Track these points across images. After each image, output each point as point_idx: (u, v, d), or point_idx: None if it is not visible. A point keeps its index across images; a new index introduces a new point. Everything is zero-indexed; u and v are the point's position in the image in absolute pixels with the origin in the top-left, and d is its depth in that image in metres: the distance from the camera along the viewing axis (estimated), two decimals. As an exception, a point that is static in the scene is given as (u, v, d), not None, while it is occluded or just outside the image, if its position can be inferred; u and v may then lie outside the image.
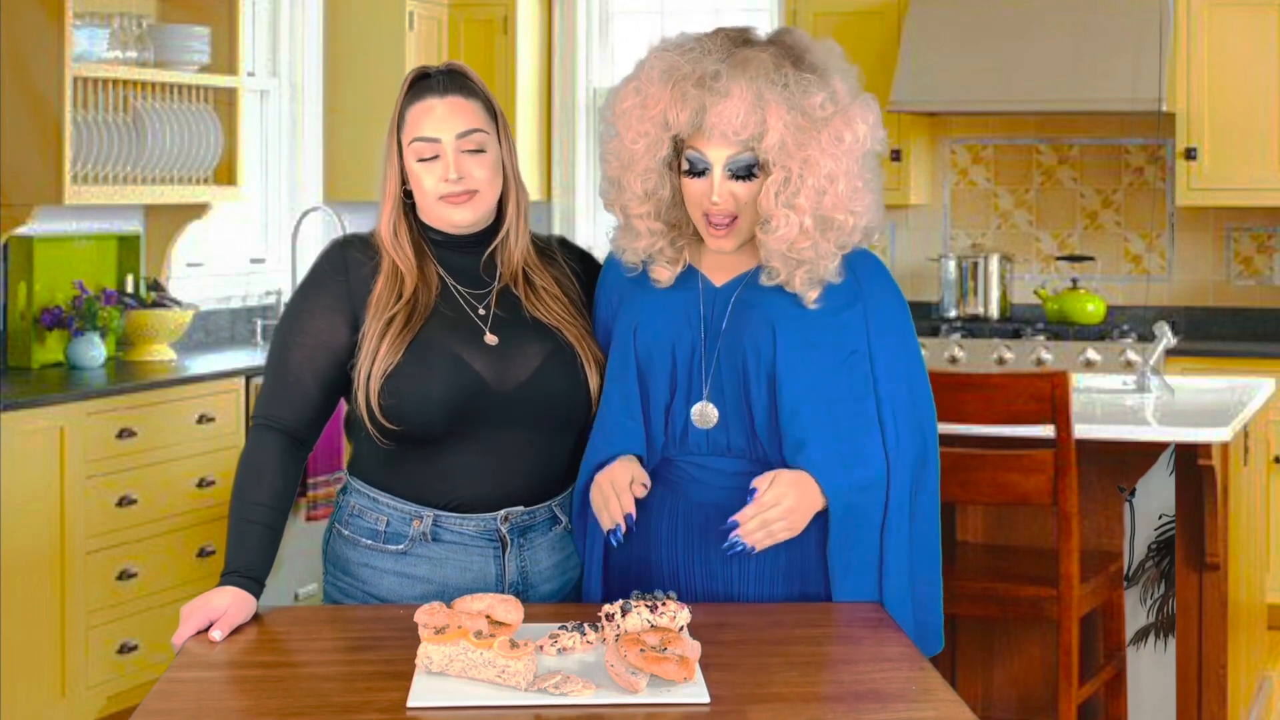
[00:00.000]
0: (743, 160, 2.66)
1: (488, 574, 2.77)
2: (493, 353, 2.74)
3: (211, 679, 2.39)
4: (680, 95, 2.66)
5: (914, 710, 2.25)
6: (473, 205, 2.77)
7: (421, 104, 2.77)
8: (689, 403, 2.74)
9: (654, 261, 2.80)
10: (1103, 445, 4.19)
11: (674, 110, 2.66)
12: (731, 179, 2.67)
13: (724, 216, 2.69)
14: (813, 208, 2.66)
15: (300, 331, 2.76)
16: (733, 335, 2.73)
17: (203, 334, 6.27)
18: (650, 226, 2.76)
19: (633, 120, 2.71)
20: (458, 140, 2.75)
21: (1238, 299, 6.87)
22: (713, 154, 2.66)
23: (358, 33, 6.88)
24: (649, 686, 2.29)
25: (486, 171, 2.77)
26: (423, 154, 2.76)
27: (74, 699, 4.91)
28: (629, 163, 2.73)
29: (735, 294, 2.76)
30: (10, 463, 4.67)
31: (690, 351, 2.75)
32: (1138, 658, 4.42)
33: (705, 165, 2.67)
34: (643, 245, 2.77)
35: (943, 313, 6.93)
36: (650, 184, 2.73)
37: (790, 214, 2.65)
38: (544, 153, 7.58)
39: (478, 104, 2.78)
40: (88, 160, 5.35)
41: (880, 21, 6.89)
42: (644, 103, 2.70)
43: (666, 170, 2.73)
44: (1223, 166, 6.54)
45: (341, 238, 2.88)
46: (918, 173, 7.02)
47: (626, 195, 2.76)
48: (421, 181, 2.77)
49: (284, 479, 2.73)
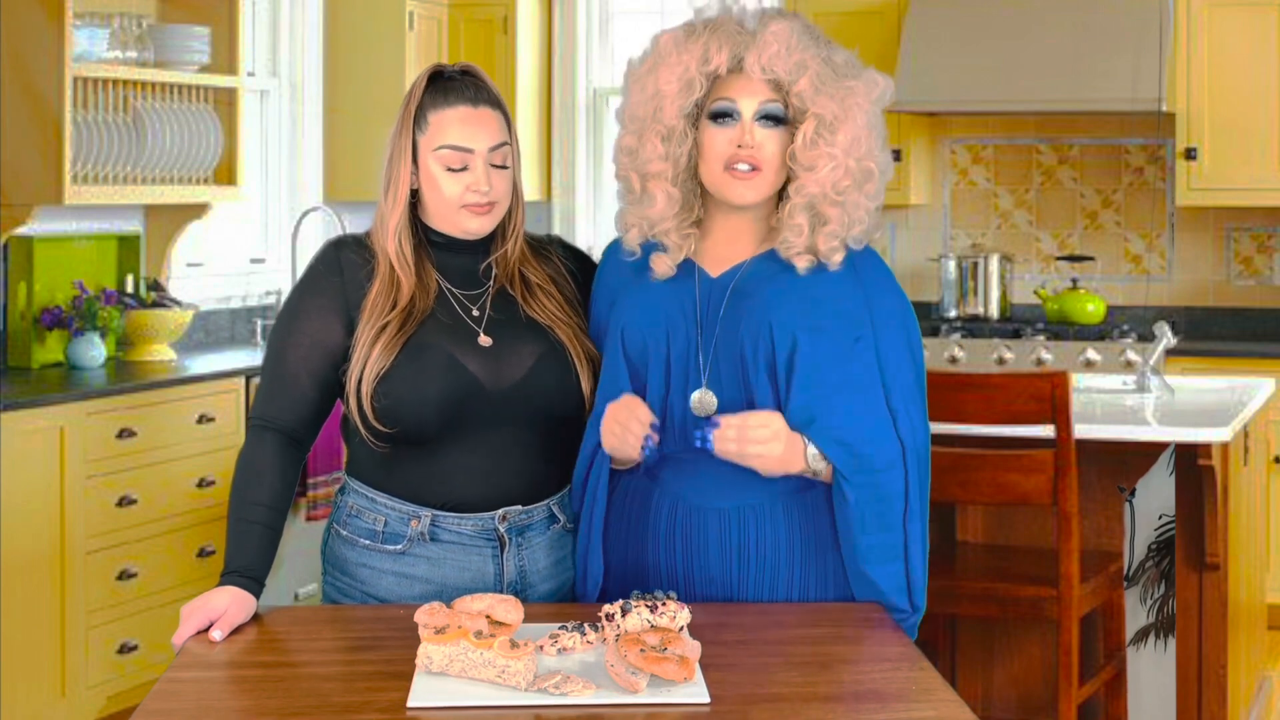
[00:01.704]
0: (772, 108, 2.69)
1: (486, 573, 2.77)
2: (487, 354, 2.74)
3: (211, 679, 2.39)
4: (723, 36, 2.70)
5: (914, 710, 2.25)
6: (491, 216, 2.77)
7: (451, 110, 2.75)
8: (685, 395, 2.72)
9: (657, 244, 2.77)
10: (1103, 445, 4.19)
11: (714, 46, 2.70)
12: (760, 126, 2.69)
13: (751, 163, 2.69)
14: (847, 153, 2.69)
15: (296, 332, 2.76)
16: (730, 325, 2.71)
17: (203, 334, 6.27)
18: (668, 190, 2.73)
19: (671, 59, 2.72)
20: (489, 153, 2.75)
21: (1238, 299, 6.87)
22: (743, 101, 2.69)
23: (358, 33, 6.88)
24: (649, 686, 2.29)
25: (506, 186, 2.78)
26: (451, 163, 2.74)
27: (74, 699, 4.91)
28: (654, 111, 2.72)
29: (732, 283, 2.74)
30: (10, 463, 4.67)
31: (685, 344, 2.73)
32: (1138, 658, 4.43)
33: (734, 109, 2.69)
34: (657, 212, 2.74)
35: (943, 313, 6.93)
36: (671, 141, 2.72)
37: (830, 156, 2.68)
38: (544, 153, 7.58)
39: (502, 116, 2.79)
40: (88, 160, 5.35)
41: (880, 21, 6.90)
42: (684, 44, 2.72)
43: (689, 129, 2.73)
44: (1223, 166, 6.54)
45: (336, 238, 2.87)
46: (918, 173, 7.02)
47: (644, 155, 2.74)
48: (442, 188, 2.75)
49: (282, 479, 2.73)
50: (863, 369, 2.69)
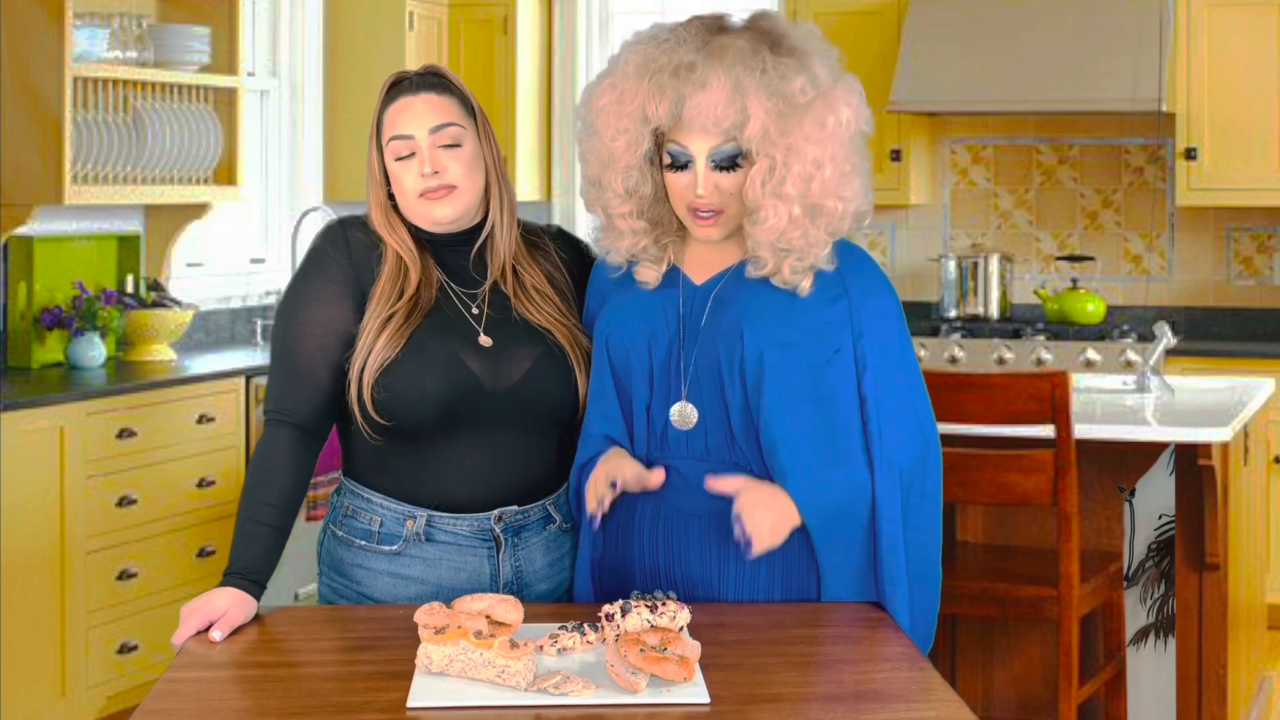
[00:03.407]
0: (726, 151, 2.62)
1: (482, 574, 2.76)
2: (487, 353, 2.74)
3: (211, 679, 2.39)
4: (658, 88, 2.61)
5: (914, 710, 2.25)
6: (451, 201, 2.75)
7: (396, 104, 2.77)
8: (668, 404, 2.71)
9: (639, 261, 2.76)
10: (1103, 445, 4.19)
11: (652, 104, 2.62)
12: (715, 170, 2.63)
13: (710, 209, 2.65)
14: (800, 195, 2.61)
15: (308, 320, 2.74)
16: (709, 334, 2.68)
17: (203, 334, 6.27)
18: (633, 226, 2.71)
19: (610, 117, 2.66)
20: (432, 135, 2.74)
21: (1238, 299, 6.87)
22: (695, 146, 2.62)
23: (358, 33, 6.88)
24: (649, 686, 2.29)
25: (463, 166, 2.75)
26: (399, 152, 2.75)
27: (74, 699, 4.91)
28: (609, 161, 2.69)
29: (714, 291, 2.72)
30: (10, 463, 4.67)
31: (667, 351, 2.71)
32: (1138, 658, 4.43)
33: (688, 158, 2.63)
34: (626, 245, 2.73)
35: (943, 313, 6.92)
36: (631, 182, 2.69)
37: (778, 203, 2.60)
38: (544, 153, 7.58)
39: (452, 100, 2.77)
40: (88, 160, 5.35)
41: (880, 21, 6.90)
42: (621, 98, 2.65)
43: (648, 166, 2.69)
44: (1223, 166, 6.54)
45: (339, 219, 2.85)
46: (918, 173, 7.02)
47: (608, 195, 2.72)
48: (401, 181, 2.76)
49: (295, 477, 2.72)
50: (838, 383, 2.66)
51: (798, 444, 2.63)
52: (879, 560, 2.71)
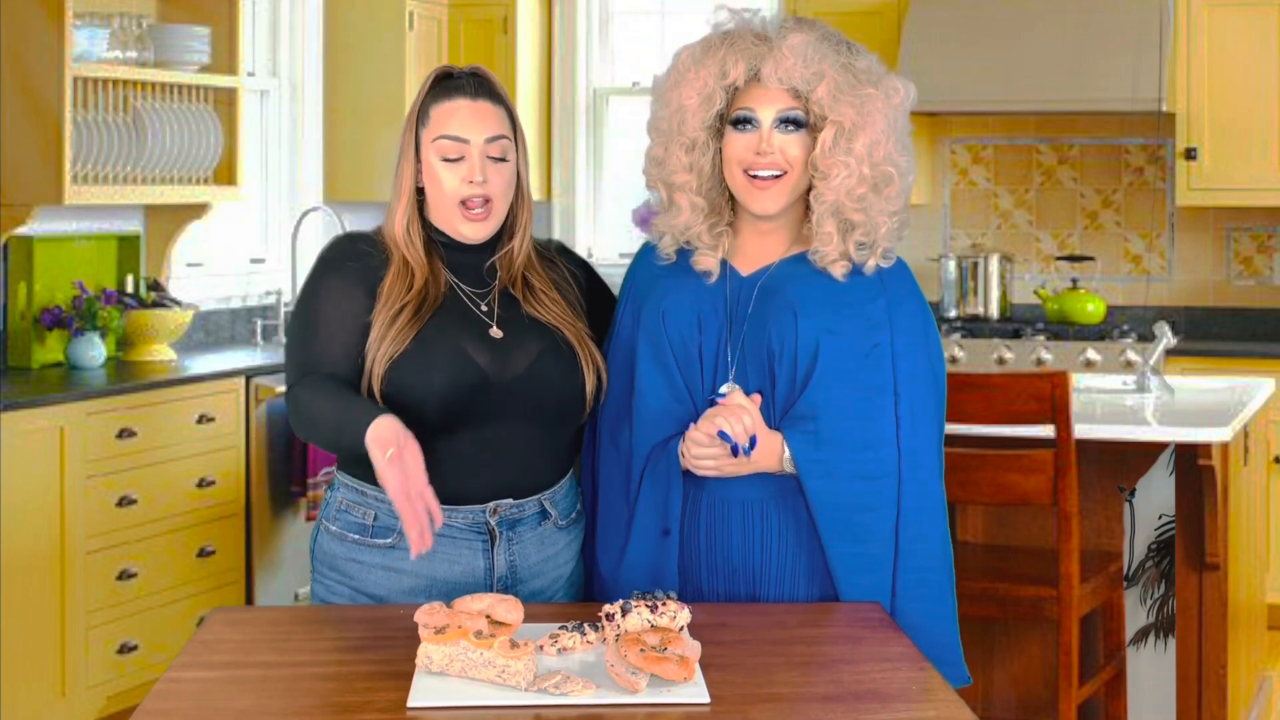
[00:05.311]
0: (791, 113, 2.73)
1: (476, 568, 2.76)
2: (495, 346, 2.75)
3: (211, 679, 2.39)
4: (739, 49, 2.75)
5: (914, 710, 2.25)
6: (485, 223, 2.78)
7: (451, 103, 2.77)
8: (714, 389, 2.76)
9: (692, 249, 2.82)
10: (1103, 445, 4.19)
11: (731, 60, 2.74)
12: (780, 132, 2.73)
13: (770, 169, 2.73)
14: (868, 156, 2.73)
15: (323, 312, 2.75)
16: (757, 322, 2.76)
17: (203, 334, 6.27)
18: (693, 201, 2.79)
19: (689, 75, 2.77)
20: (485, 144, 2.76)
21: (1238, 299, 6.87)
22: (763, 110, 2.73)
23: (358, 33, 6.88)
24: (649, 686, 2.29)
25: (504, 181, 2.78)
26: (448, 153, 2.76)
27: (74, 699, 4.91)
28: (678, 125, 2.78)
29: (760, 281, 2.79)
30: (10, 463, 4.67)
31: (716, 340, 2.78)
32: (1138, 658, 4.43)
33: (754, 117, 2.73)
34: (682, 222, 2.80)
35: (943, 313, 6.92)
36: (694, 152, 2.78)
37: (849, 160, 2.72)
38: (544, 153, 7.58)
39: (504, 112, 2.81)
40: (88, 160, 5.35)
41: (880, 21, 6.90)
42: (701, 59, 2.77)
43: (712, 139, 2.78)
44: (1223, 166, 6.54)
45: (344, 234, 2.89)
46: (918, 173, 7.01)
47: (670, 166, 2.80)
48: (441, 181, 2.77)
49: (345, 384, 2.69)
50: (877, 373, 2.74)
51: (828, 420, 2.70)
52: (899, 550, 2.74)
